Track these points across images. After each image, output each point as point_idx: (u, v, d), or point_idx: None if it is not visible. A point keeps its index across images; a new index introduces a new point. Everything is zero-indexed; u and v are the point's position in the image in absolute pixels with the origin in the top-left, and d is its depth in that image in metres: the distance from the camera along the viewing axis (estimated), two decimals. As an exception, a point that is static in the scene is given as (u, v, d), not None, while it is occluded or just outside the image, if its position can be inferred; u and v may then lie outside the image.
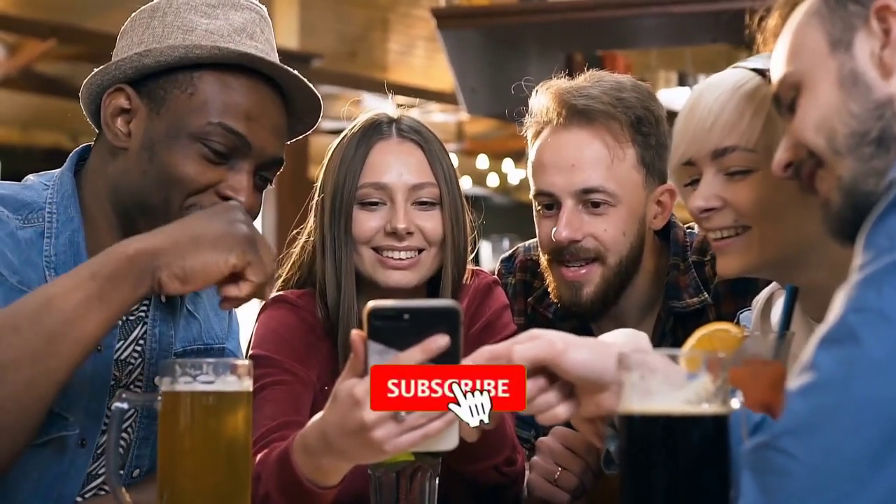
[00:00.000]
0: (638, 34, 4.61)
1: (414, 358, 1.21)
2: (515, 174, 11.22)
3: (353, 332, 1.26)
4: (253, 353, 1.81)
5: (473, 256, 1.96)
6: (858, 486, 1.02)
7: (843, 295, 1.10)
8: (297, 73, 1.61)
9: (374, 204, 1.84)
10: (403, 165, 1.84)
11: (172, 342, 1.70)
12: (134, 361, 1.65)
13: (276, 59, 1.62)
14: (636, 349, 1.17)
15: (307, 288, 1.93)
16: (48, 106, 8.60)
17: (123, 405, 1.28)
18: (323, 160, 1.92)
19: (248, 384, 1.26)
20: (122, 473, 1.62)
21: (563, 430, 1.74)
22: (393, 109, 1.92)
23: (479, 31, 4.40)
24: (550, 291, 2.04)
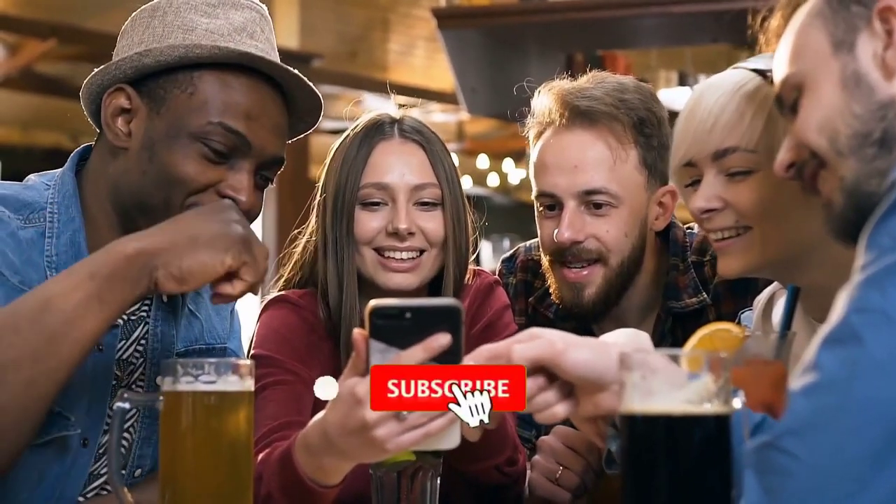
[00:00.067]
0: (638, 34, 4.61)
1: (415, 357, 1.21)
2: (516, 174, 11.20)
3: (354, 330, 1.26)
4: (254, 352, 1.81)
5: (475, 257, 1.96)
6: (860, 486, 1.02)
7: (845, 295, 1.10)
8: (297, 72, 1.60)
9: (375, 204, 1.84)
10: (405, 166, 1.84)
11: (174, 342, 1.70)
12: (136, 361, 1.66)
13: (276, 58, 1.62)
14: (638, 349, 1.17)
15: (309, 288, 1.92)
16: (48, 106, 8.59)
17: (125, 405, 1.28)
18: (325, 160, 1.92)
19: (249, 384, 1.26)
20: (123, 473, 1.63)
21: (564, 429, 1.74)
22: (395, 110, 1.92)
23: (479, 31, 4.40)
24: (552, 292, 2.04)
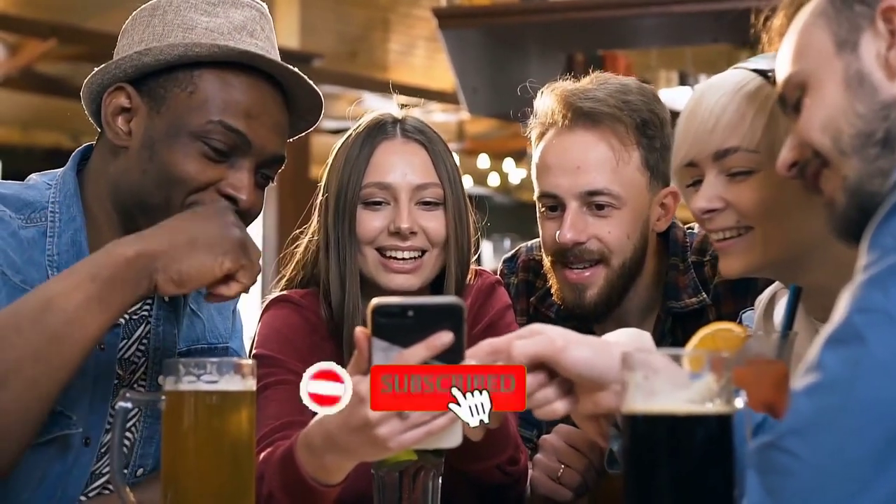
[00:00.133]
0: (639, 34, 4.61)
1: (418, 355, 1.20)
2: (516, 174, 11.19)
3: (357, 329, 1.26)
4: (256, 352, 1.81)
5: (476, 257, 1.96)
6: (862, 486, 1.02)
7: (848, 295, 1.10)
8: (297, 70, 1.60)
9: (377, 203, 1.84)
10: (407, 165, 1.84)
11: (176, 341, 1.71)
12: (137, 360, 1.66)
13: (276, 56, 1.62)
14: (640, 349, 1.17)
15: (310, 287, 1.92)
16: (49, 106, 8.59)
17: (127, 404, 1.28)
18: (326, 160, 1.92)
19: (251, 384, 1.26)
20: (126, 473, 1.62)
21: (566, 427, 1.74)
22: (397, 110, 1.92)
23: (480, 30, 4.40)
24: (553, 293, 2.04)
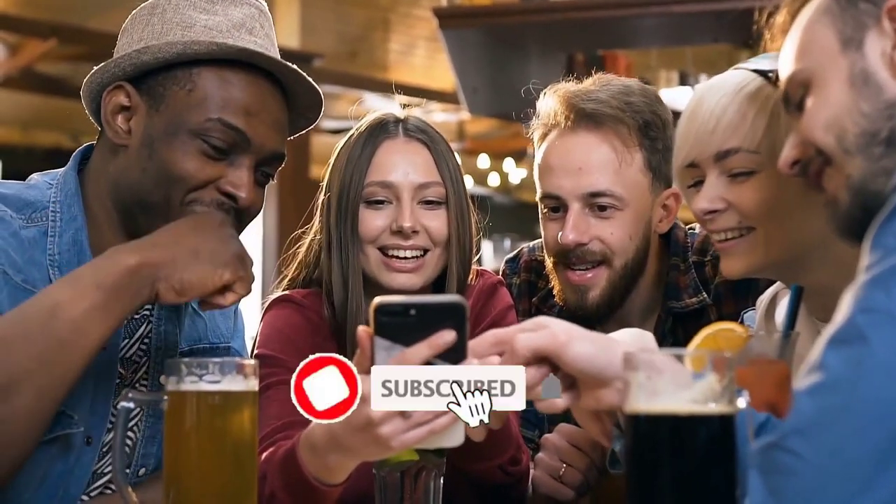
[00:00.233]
0: (639, 34, 4.61)
1: (420, 354, 1.20)
2: (516, 174, 11.19)
3: (359, 328, 1.26)
4: (258, 352, 1.80)
5: (477, 258, 1.96)
6: (864, 486, 1.02)
7: (850, 295, 1.10)
8: (296, 67, 1.60)
9: (380, 202, 1.84)
10: (410, 165, 1.84)
11: (177, 341, 1.71)
12: (139, 360, 1.66)
13: (276, 54, 1.62)
14: (642, 349, 1.17)
15: (312, 287, 1.92)
16: (49, 106, 8.59)
17: (129, 404, 1.28)
18: (326, 159, 1.92)
19: (253, 384, 1.26)
20: (127, 472, 1.63)
21: (568, 427, 1.74)
22: (399, 109, 1.92)
23: (480, 30, 4.41)
24: (555, 294, 2.04)
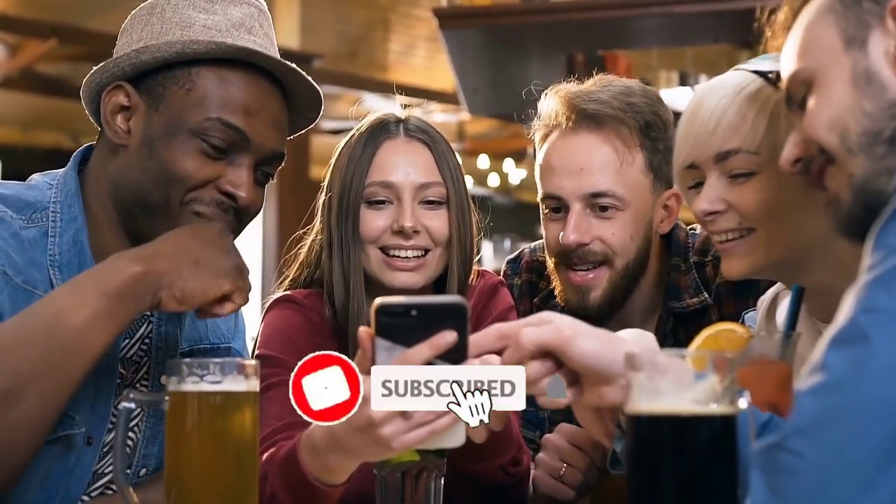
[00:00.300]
0: (639, 34, 4.62)
1: (421, 354, 1.20)
2: (516, 174, 11.20)
3: (360, 328, 1.26)
4: (259, 352, 1.81)
5: (478, 258, 1.96)
6: (866, 486, 1.02)
7: (852, 295, 1.09)
8: (295, 66, 1.60)
9: (381, 203, 1.84)
10: (411, 165, 1.84)
11: (178, 341, 1.71)
12: (140, 360, 1.66)
13: (275, 53, 1.62)
14: (644, 349, 1.17)
15: (313, 288, 1.92)
16: (49, 106, 8.60)
17: (131, 405, 1.28)
18: (326, 160, 1.92)
19: (255, 384, 1.26)
20: (129, 473, 1.63)
21: (568, 427, 1.74)
22: (400, 109, 1.92)
23: (480, 31, 4.41)
24: (557, 294, 2.04)
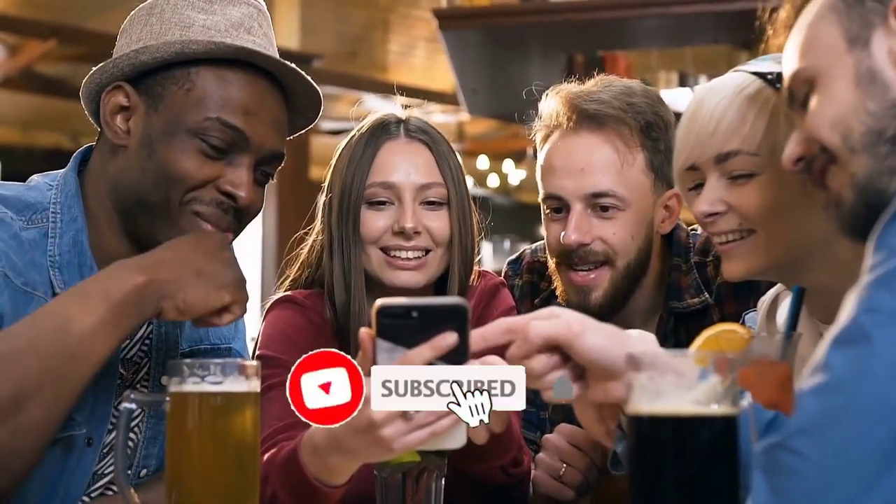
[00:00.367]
0: (639, 35, 4.62)
1: (422, 356, 1.20)
2: (516, 175, 11.21)
3: (361, 329, 1.26)
4: (260, 353, 1.81)
5: (478, 259, 1.96)
6: (868, 486, 1.02)
7: (854, 295, 1.09)
8: (294, 66, 1.60)
9: (381, 203, 1.84)
10: (411, 165, 1.84)
11: (178, 341, 1.71)
12: (140, 361, 1.66)
13: (274, 53, 1.62)
14: (646, 350, 1.17)
15: (314, 288, 1.93)
16: (49, 106, 8.60)
17: (132, 405, 1.28)
18: (326, 160, 1.92)
19: (255, 385, 1.26)
20: (129, 473, 1.63)
21: (568, 427, 1.74)
22: (400, 110, 1.92)
23: (480, 31, 4.42)
24: (558, 295, 2.04)
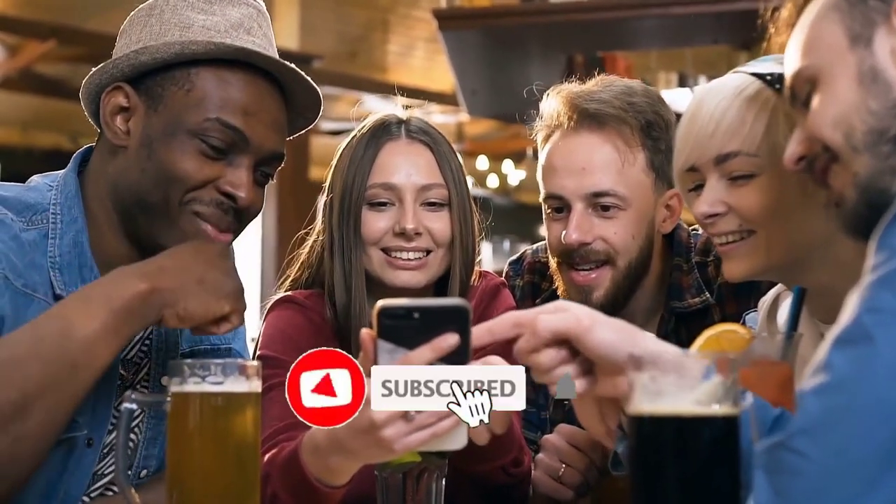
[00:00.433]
0: (639, 35, 4.62)
1: (424, 357, 1.20)
2: (515, 175, 11.21)
3: (362, 330, 1.26)
4: (261, 353, 1.81)
5: (479, 259, 1.96)
6: (869, 486, 1.02)
7: (856, 295, 1.09)
8: (294, 66, 1.60)
9: (382, 204, 1.84)
10: (412, 166, 1.84)
11: (178, 342, 1.71)
12: (140, 361, 1.66)
13: (274, 54, 1.62)
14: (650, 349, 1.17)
15: (315, 288, 1.93)
16: (48, 107, 8.60)
17: (132, 406, 1.28)
18: (325, 161, 1.92)
19: (256, 385, 1.26)
20: (130, 474, 1.63)
21: (567, 427, 1.75)
22: (401, 110, 1.92)
23: (479, 32, 4.42)
24: (560, 295, 2.04)
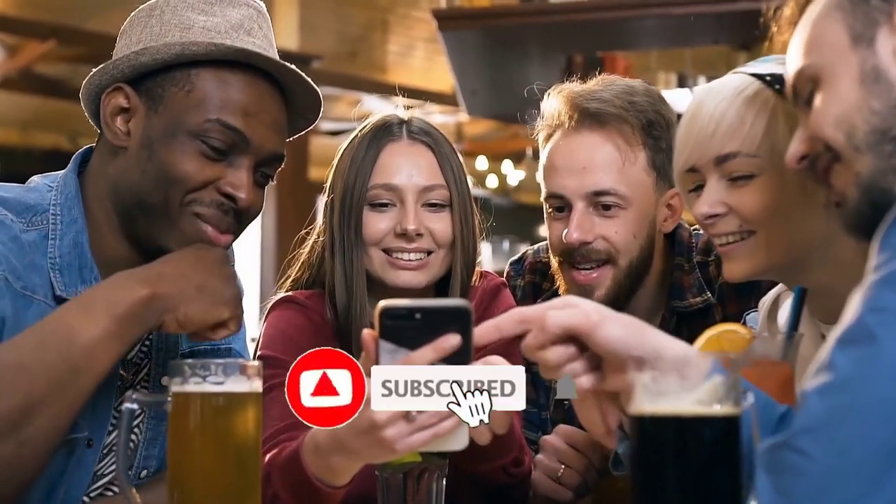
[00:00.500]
0: (638, 35, 4.62)
1: (425, 357, 1.20)
2: (514, 175, 11.21)
3: (364, 331, 1.26)
4: (261, 353, 1.81)
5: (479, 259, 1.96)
6: (872, 486, 1.02)
7: (859, 295, 1.09)
8: (294, 67, 1.60)
9: (384, 205, 1.84)
10: (414, 167, 1.84)
11: (179, 342, 1.71)
12: (140, 362, 1.66)
13: (274, 55, 1.62)
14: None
15: (315, 288, 1.93)
16: (48, 107, 8.60)
17: (133, 406, 1.28)
18: (327, 161, 1.92)
19: (257, 385, 1.26)
20: (130, 474, 1.62)
21: (567, 428, 1.75)
22: (403, 111, 1.92)
23: (479, 32, 4.42)
24: (561, 294, 2.04)
